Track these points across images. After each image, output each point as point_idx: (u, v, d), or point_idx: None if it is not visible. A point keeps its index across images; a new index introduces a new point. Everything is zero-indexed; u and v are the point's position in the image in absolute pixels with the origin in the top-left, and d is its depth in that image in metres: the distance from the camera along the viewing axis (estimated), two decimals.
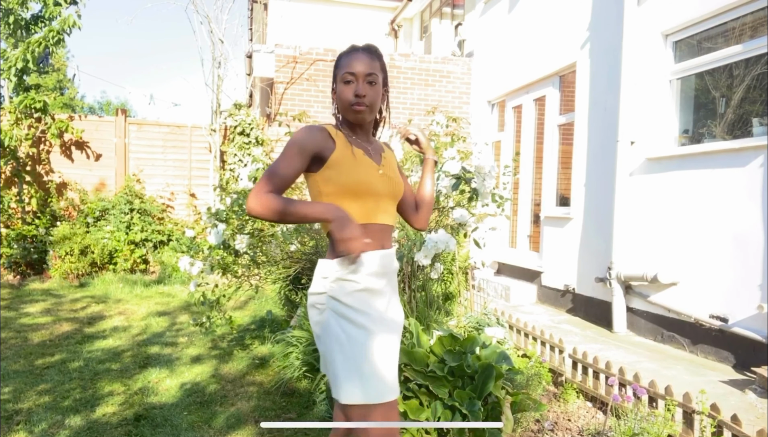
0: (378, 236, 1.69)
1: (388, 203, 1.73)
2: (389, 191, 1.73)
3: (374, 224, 1.69)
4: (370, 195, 1.68)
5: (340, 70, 1.71)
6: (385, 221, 1.72)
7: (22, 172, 7.99)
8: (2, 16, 7.69)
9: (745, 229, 4.06)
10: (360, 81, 1.68)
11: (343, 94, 1.69)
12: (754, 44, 4.16)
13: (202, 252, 4.07)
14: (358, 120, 1.72)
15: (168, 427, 2.96)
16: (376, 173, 1.71)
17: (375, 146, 1.79)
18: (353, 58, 1.69)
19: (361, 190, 1.67)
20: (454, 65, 9.19)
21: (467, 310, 4.51)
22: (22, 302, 6.13)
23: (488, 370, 2.57)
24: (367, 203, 1.68)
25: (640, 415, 2.67)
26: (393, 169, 1.79)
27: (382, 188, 1.71)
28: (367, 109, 1.69)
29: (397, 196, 1.76)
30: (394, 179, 1.76)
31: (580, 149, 6.00)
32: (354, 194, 1.66)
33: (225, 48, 9.23)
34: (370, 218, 1.68)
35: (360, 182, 1.67)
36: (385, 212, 1.72)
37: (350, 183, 1.65)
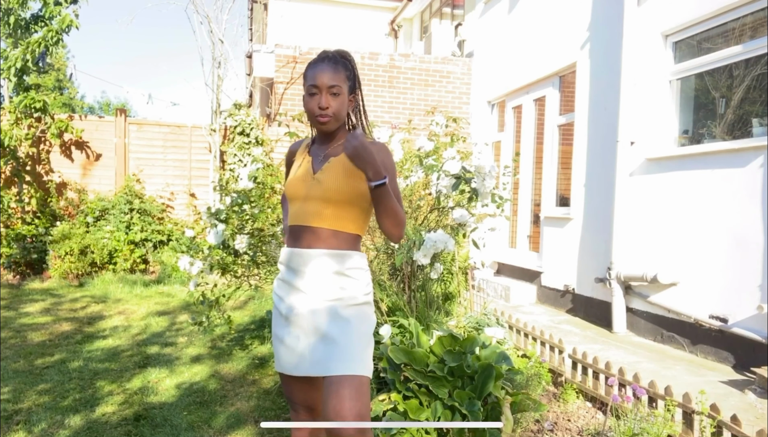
0: (301, 236, 1.80)
1: (317, 206, 1.77)
2: (318, 194, 1.77)
3: (298, 226, 1.81)
4: (295, 199, 1.83)
5: (306, 81, 1.77)
6: (310, 222, 1.78)
7: (22, 172, 7.99)
8: (2, 15, 7.69)
9: (745, 229, 4.06)
10: (323, 93, 1.74)
11: (308, 105, 1.77)
12: (754, 45, 4.16)
13: (202, 252, 4.07)
14: (323, 130, 1.80)
15: (168, 427, 2.96)
16: (307, 179, 1.81)
17: (331, 151, 1.82)
18: (317, 70, 1.75)
19: (289, 194, 1.86)
20: (454, 65, 9.19)
21: (467, 310, 4.51)
22: (21, 302, 6.13)
23: (488, 370, 2.57)
24: (293, 206, 1.84)
25: (639, 415, 2.67)
26: (333, 173, 1.77)
27: (310, 192, 1.79)
28: (332, 118, 1.76)
29: (330, 199, 1.76)
30: (325, 184, 1.77)
31: (580, 149, 6.00)
32: (288, 197, 1.87)
33: (225, 48, 9.24)
34: (295, 219, 1.82)
35: (288, 186, 1.86)
36: (314, 214, 1.77)
37: (286, 188, 1.88)
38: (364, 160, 1.63)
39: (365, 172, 1.65)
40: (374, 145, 1.79)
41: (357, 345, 1.74)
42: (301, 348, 1.76)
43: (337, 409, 1.62)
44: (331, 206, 1.76)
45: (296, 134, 3.72)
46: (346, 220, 1.78)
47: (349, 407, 1.62)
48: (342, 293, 1.76)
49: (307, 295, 1.77)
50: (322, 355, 1.72)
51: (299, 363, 1.76)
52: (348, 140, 1.63)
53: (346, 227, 1.78)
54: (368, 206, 1.81)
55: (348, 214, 1.78)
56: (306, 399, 1.87)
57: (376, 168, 1.64)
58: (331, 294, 1.76)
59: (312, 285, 1.77)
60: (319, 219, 1.76)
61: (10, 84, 7.72)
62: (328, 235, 1.76)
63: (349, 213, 1.78)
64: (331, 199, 1.76)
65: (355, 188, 1.76)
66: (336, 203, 1.76)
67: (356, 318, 1.76)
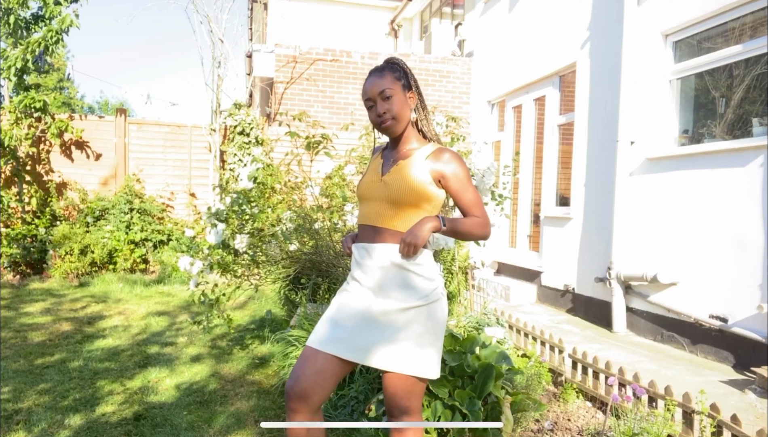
0: (366, 234, 1.90)
1: (382, 207, 1.86)
2: (384, 195, 1.86)
3: (364, 225, 1.92)
4: (363, 200, 1.94)
5: (363, 99, 1.92)
6: (376, 222, 1.87)
7: (22, 172, 7.99)
8: (2, 15, 7.69)
9: (745, 229, 4.06)
10: (377, 102, 1.86)
11: (371, 118, 1.91)
12: (754, 44, 4.16)
13: (202, 252, 4.07)
14: (390, 134, 1.91)
15: (168, 427, 2.96)
16: (375, 180, 1.91)
17: (400, 154, 1.92)
18: (366, 85, 1.89)
19: (359, 195, 1.97)
20: (454, 65, 9.19)
21: (467, 310, 4.51)
22: (22, 302, 6.13)
23: (488, 370, 2.57)
24: (362, 208, 1.95)
25: (639, 415, 2.67)
26: (400, 175, 1.85)
27: (377, 193, 1.88)
28: (394, 121, 1.87)
29: (395, 200, 1.83)
30: (392, 185, 1.84)
31: (580, 149, 6.00)
32: (358, 198, 1.99)
33: (225, 48, 9.24)
34: (363, 218, 1.93)
35: (359, 187, 1.98)
36: (379, 215, 1.86)
37: (357, 189, 2.01)
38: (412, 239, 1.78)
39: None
40: (444, 153, 1.87)
41: (411, 343, 1.78)
42: (352, 334, 1.80)
43: (388, 407, 1.85)
44: (395, 207, 1.83)
45: (297, 134, 3.72)
46: (410, 221, 1.83)
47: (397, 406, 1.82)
48: (403, 291, 1.80)
49: (368, 288, 1.84)
50: (372, 344, 1.79)
51: (346, 345, 1.80)
52: (402, 242, 1.78)
53: (403, 227, 1.84)
54: (433, 208, 1.88)
55: (413, 216, 1.83)
56: (313, 383, 1.80)
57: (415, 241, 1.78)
58: (392, 289, 1.81)
59: (373, 278, 1.83)
60: (383, 219, 1.85)
61: (10, 84, 7.72)
62: (391, 234, 1.83)
63: (414, 215, 1.83)
64: (396, 200, 1.83)
65: (421, 191, 1.83)
66: (400, 205, 1.83)
67: (417, 317, 1.79)
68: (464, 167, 1.88)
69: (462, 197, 1.87)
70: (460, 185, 1.85)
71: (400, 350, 1.78)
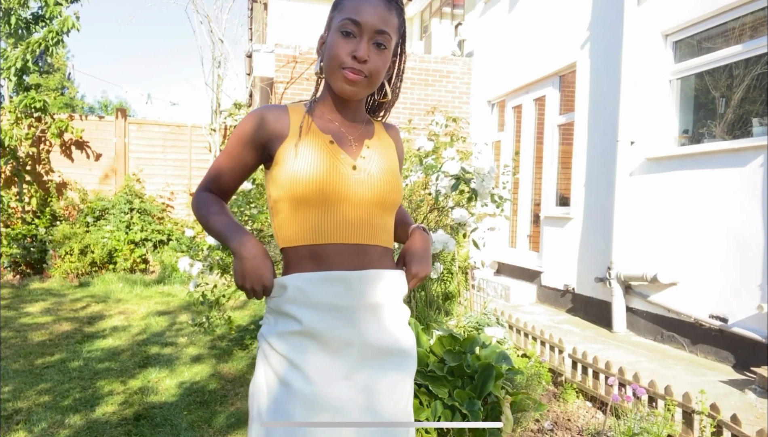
0: (337, 258, 1.18)
1: (367, 212, 1.21)
2: (368, 194, 1.21)
3: (336, 245, 1.18)
4: (326, 202, 1.17)
5: (341, 13, 1.21)
6: (356, 236, 1.19)
7: (22, 171, 7.99)
8: (2, 15, 7.69)
9: (745, 229, 4.06)
10: (365, 37, 1.18)
11: (335, 48, 1.17)
12: (754, 44, 4.16)
13: (202, 252, 4.07)
14: (346, 93, 1.20)
15: (168, 427, 2.96)
16: (342, 168, 1.20)
17: (361, 131, 1.29)
18: (365, 4, 1.19)
19: (310, 194, 1.16)
20: (454, 65, 9.19)
21: (467, 310, 4.51)
22: (22, 302, 6.13)
23: (488, 370, 2.58)
24: (322, 215, 1.17)
25: (639, 415, 2.67)
26: (381, 164, 1.26)
27: (353, 190, 1.20)
28: (365, 81, 1.19)
29: (386, 203, 1.24)
30: (378, 179, 1.23)
31: (580, 149, 6.00)
32: (299, 200, 1.16)
33: (225, 48, 9.24)
34: (327, 235, 1.17)
35: (308, 180, 1.16)
36: (362, 225, 1.20)
37: (292, 184, 1.16)
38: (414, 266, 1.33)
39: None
40: (397, 131, 1.42)
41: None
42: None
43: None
44: (385, 213, 1.26)
45: None
46: (390, 231, 1.30)
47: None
48: (407, 341, 1.27)
49: (356, 351, 1.18)
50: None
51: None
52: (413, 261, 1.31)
53: (391, 241, 1.31)
54: None
55: (392, 222, 1.32)
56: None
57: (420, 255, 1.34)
58: (394, 341, 1.24)
59: (368, 329, 1.19)
60: (373, 232, 1.22)
61: (10, 84, 7.72)
62: (382, 253, 1.25)
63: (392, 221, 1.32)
64: (386, 202, 1.25)
65: (401, 187, 1.32)
66: (390, 209, 1.27)
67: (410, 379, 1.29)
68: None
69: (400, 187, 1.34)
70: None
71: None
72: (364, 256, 1.21)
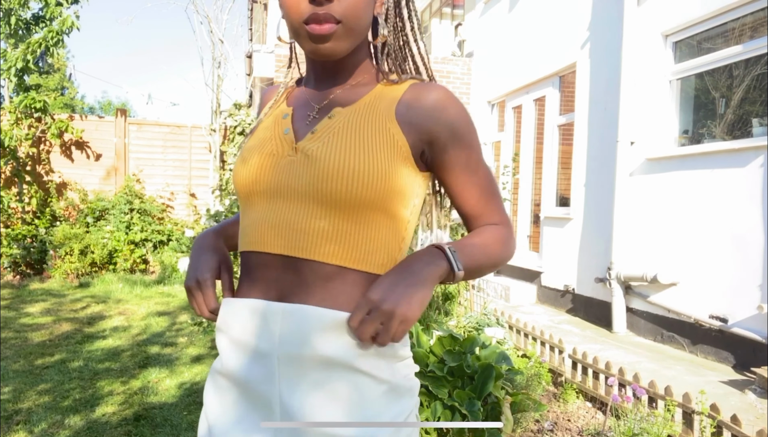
0: (266, 276, 0.88)
1: (304, 211, 0.85)
2: (306, 184, 0.85)
3: (259, 254, 0.88)
4: (253, 195, 0.90)
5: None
6: (286, 249, 0.85)
7: (22, 172, 7.99)
8: (2, 16, 7.69)
9: (745, 229, 4.06)
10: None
11: (290, 13, 0.86)
12: (754, 45, 4.16)
13: None
14: (320, 53, 0.87)
15: (168, 427, 2.96)
16: (280, 152, 0.89)
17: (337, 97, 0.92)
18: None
19: (240, 184, 0.92)
20: (454, 65, 9.19)
21: (467, 310, 4.51)
22: (22, 302, 6.13)
23: (488, 370, 2.57)
24: (249, 211, 0.91)
25: (639, 415, 2.67)
26: (338, 140, 0.85)
27: (289, 180, 0.87)
28: (340, 28, 0.84)
29: (328, 195, 0.83)
30: (320, 161, 0.84)
31: (580, 149, 6.00)
32: (238, 192, 0.93)
33: (225, 48, 9.24)
34: (254, 239, 0.89)
35: (235, 170, 0.94)
36: (296, 230, 0.85)
37: (233, 175, 0.95)
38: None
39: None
40: (432, 92, 0.89)
41: None
42: None
43: None
44: (334, 211, 0.84)
45: None
46: (364, 242, 0.86)
47: None
48: (349, 415, 0.83)
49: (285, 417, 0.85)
50: None
51: None
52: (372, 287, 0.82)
53: (365, 259, 0.86)
54: (412, 214, 0.91)
55: (369, 229, 0.86)
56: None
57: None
58: (327, 416, 0.83)
59: (297, 391, 0.84)
60: (309, 241, 0.85)
61: (10, 84, 7.73)
62: (329, 276, 0.85)
63: (371, 228, 0.86)
64: (336, 195, 0.84)
65: (389, 174, 0.85)
66: (347, 206, 0.84)
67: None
68: (473, 124, 0.92)
69: (471, 184, 0.92)
70: (468, 161, 0.91)
71: None
72: (297, 276, 0.85)
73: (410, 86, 0.91)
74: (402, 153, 0.87)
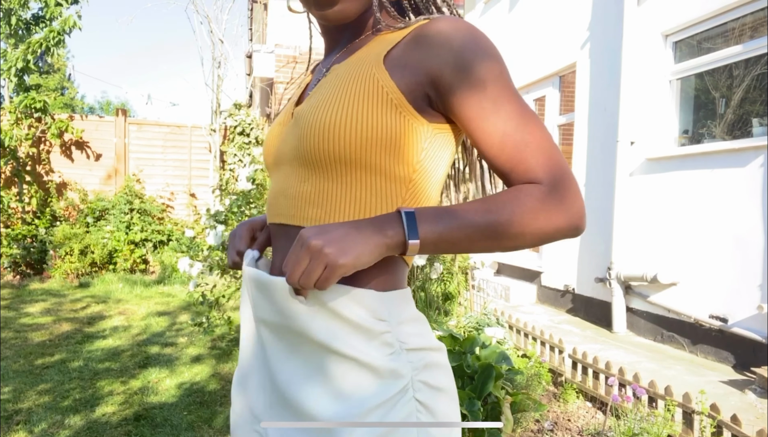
0: (280, 247, 0.86)
1: (290, 175, 0.83)
2: (287, 148, 0.84)
3: (270, 226, 0.89)
4: (269, 170, 0.92)
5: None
6: (279, 216, 0.85)
7: (22, 172, 7.99)
8: (2, 16, 7.69)
9: (745, 229, 4.06)
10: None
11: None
12: (754, 44, 4.16)
13: (202, 252, 4.07)
14: (329, 18, 0.84)
15: (168, 427, 2.96)
16: (285, 120, 0.89)
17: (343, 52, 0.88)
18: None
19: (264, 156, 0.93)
20: None
21: (467, 310, 4.51)
22: (22, 302, 6.13)
23: (488, 370, 2.57)
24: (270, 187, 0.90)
25: (639, 415, 2.67)
26: (323, 94, 0.80)
27: (277, 147, 0.88)
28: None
29: (309, 153, 0.78)
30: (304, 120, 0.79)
31: (580, 149, 6.00)
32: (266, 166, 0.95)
33: (225, 48, 9.24)
34: (268, 214, 0.90)
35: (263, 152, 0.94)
36: (279, 194, 0.85)
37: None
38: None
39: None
40: (439, 23, 0.77)
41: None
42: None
43: None
44: (317, 171, 0.79)
45: None
46: (350, 204, 0.78)
47: None
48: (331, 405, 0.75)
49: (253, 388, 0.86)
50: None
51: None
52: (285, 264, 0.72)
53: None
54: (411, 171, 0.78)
55: (354, 189, 0.78)
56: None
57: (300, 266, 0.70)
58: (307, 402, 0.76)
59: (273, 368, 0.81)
60: (296, 206, 0.82)
61: (10, 84, 7.73)
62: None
63: (357, 188, 0.78)
64: (313, 153, 0.78)
65: (374, 123, 0.75)
66: (325, 164, 0.78)
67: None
68: (488, 53, 0.75)
69: (490, 130, 0.75)
70: (481, 100, 0.74)
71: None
72: (291, 244, 0.82)
73: (417, 26, 0.80)
74: (389, 100, 0.75)
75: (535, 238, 0.73)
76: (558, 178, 0.72)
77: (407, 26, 0.81)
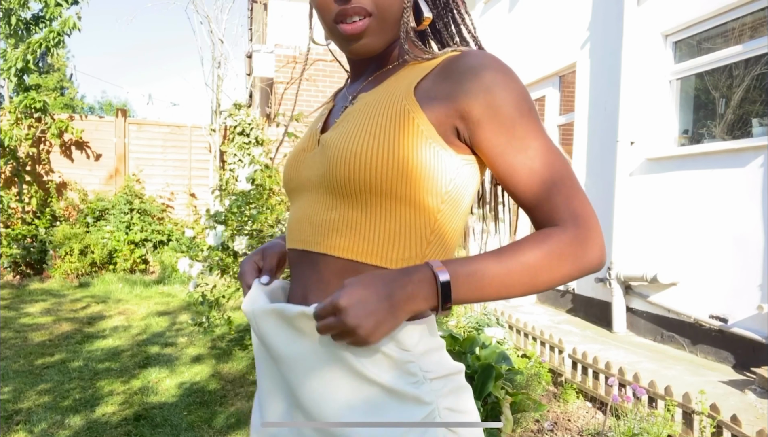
0: (296, 274, 0.87)
1: (316, 202, 0.84)
2: (313, 174, 0.85)
3: (291, 252, 0.89)
4: (289, 195, 0.94)
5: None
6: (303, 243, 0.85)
7: (22, 172, 7.99)
8: (2, 16, 7.69)
9: (745, 229, 4.06)
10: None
11: (319, 3, 0.83)
12: (754, 44, 4.16)
13: (201, 252, 4.07)
14: (357, 52, 0.85)
15: (168, 427, 2.96)
16: (306, 145, 0.91)
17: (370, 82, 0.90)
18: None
19: (283, 182, 0.95)
20: None
21: (467, 310, 4.51)
22: (22, 302, 6.13)
23: (488, 370, 2.58)
24: (290, 211, 0.92)
25: (639, 415, 2.67)
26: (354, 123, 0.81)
27: (300, 172, 0.89)
28: (372, 21, 0.81)
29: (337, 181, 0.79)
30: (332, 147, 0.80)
31: (580, 149, 6.00)
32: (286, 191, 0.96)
33: (225, 48, 9.25)
34: (287, 239, 0.90)
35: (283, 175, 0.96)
36: (312, 223, 0.83)
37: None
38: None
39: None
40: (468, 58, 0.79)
41: None
42: None
43: None
44: (345, 200, 0.80)
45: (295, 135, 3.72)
46: (378, 233, 0.78)
47: None
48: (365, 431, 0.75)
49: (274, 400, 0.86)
50: None
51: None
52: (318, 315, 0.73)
53: (380, 253, 0.79)
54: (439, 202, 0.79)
55: (383, 219, 0.78)
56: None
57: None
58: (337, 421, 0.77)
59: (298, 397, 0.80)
60: (321, 233, 0.82)
61: (10, 84, 7.73)
62: (343, 271, 0.80)
63: (385, 218, 0.78)
64: (343, 182, 0.79)
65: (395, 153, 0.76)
66: (355, 193, 0.78)
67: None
68: (518, 92, 0.78)
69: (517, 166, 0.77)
70: (511, 137, 0.76)
71: None
72: (316, 272, 0.82)
73: (446, 58, 0.82)
74: (420, 132, 0.77)
75: (562, 282, 0.77)
76: (581, 219, 0.76)
77: (435, 57, 0.84)
